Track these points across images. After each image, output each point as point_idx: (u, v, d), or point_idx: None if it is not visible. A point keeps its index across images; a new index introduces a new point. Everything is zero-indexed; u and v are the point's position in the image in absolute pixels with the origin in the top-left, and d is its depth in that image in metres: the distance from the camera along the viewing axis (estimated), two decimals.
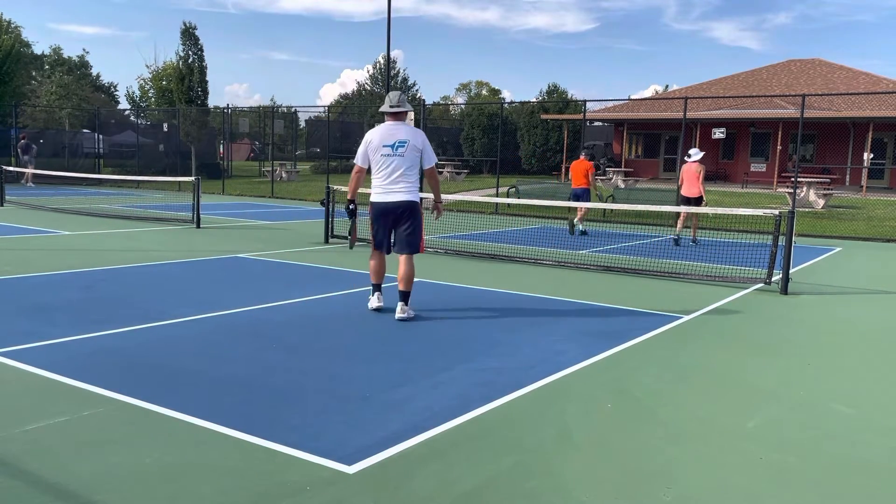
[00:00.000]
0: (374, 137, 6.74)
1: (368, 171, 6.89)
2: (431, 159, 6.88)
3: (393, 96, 6.77)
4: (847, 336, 6.81)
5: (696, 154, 13.81)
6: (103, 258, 9.78)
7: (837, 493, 3.48)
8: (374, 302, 7.00)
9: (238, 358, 5.30)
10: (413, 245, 6.79)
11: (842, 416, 4.56)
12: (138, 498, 3.17)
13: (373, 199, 6.84)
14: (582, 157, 15.17)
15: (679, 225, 13.89)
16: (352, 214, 7.12)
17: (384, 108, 6.82)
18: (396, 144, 6.66)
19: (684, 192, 13.82)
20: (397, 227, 6.80)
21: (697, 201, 13.54)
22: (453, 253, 11.39)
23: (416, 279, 7.09)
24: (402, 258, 6.75)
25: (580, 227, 15.10)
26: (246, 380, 4.80)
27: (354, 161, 6.94)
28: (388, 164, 6.67)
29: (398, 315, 6.64)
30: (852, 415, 4.58)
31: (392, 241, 6.87)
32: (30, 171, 24.36)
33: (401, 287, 6.67)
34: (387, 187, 6.71)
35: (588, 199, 14.85)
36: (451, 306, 7.44)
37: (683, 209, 12.19)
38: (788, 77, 36.66)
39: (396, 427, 4.04)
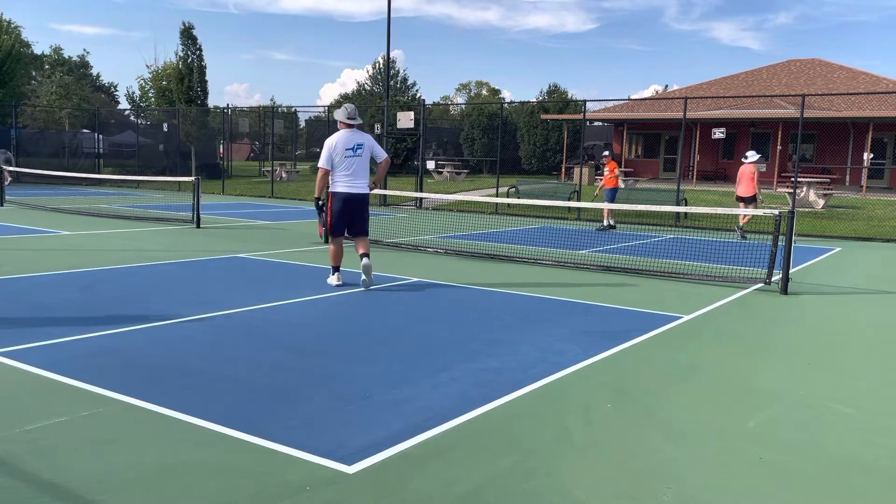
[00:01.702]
0: (338, 142, 8.10)
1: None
2: (383, 154, 8.37)
3: (351, 109, 8.25)
4: (847, 336, 6.81)
5: (752, 156, 14.74)
6: (103, 258, 9.78)
7: (837, 493, 3.48)
8: (333, 280, 8.25)
9: (238, 358, 5.30)
10: (367, 227, 8.36)
11: (842, 415, 4.56)
12: (138, 498, 3.17)
13: (338, 189, 8.16)
14: (610, 157, 16.36)
15: (742, 220, 14.85)
16: (321, 210, 8.49)
17: (342, 117, 8.20)
18: (356, 147, 8.12)
19: (739, 191, 14.69)
20: (357, 213, 8.25)
21: (752, 200, 14.42)
22: (453, 253, 11.39)
23: (415, 279, 8.79)
24: (362, 239, 8.27)
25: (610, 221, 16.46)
26: (246, 380, 4.80)
27: (320, 165, 8.23)
28: (351, 164, 8.11)
29: (364, 262, 8.08)
30: (852, 415, 4.58)
31: (347, 226, 8.30)
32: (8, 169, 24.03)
33: (363, 251, 8.21)
34: (351, 182, 8.15)
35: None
36: (452, 306, 7.44)
37: (741, 211, 12.64)
38: (788, 77, 36.66)
39: (396, 427, 4.04)
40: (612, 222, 16.43)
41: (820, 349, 6.27)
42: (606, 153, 16.92)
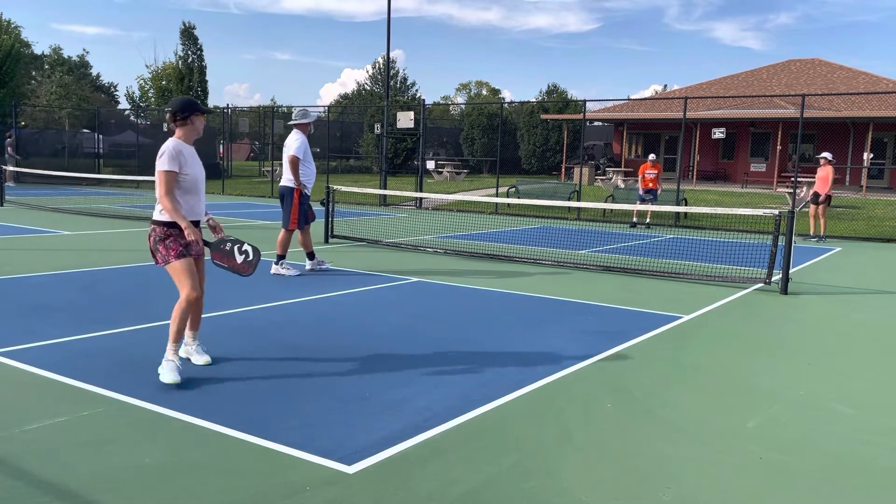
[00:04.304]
0: None
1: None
2: (288, 151, 8.87)
3: (295, 112, 9.21)
4: (847, 336, 6.81)
5: (829, 156, 15.43)
6: (103, 258, 9.78)
7: (837, 493, 3.48)
8: (307, 266, 9.23)
9: (238, 358, 5.30)
10: (284, 221, 9.04)
11: (842, 416, 4.56)
12: (138, 498, 3.17)
13: None
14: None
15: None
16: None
17: (290, 122, 9.23)
18: (283, 146, 9.04)
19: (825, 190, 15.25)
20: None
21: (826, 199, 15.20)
22: (453, 253, 11.39)
23: (415, 279, 8.83)
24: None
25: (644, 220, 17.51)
26: (246, 380, 4.80)
27: None
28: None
29: (272, 270, 8.92)
30: (852, 415, 4.58)
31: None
32: (10, 169, 23.88)
33: (277, 250, 9.00)
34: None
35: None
36: (452, 306, 7.44)
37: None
38: (788, 77, 36.66)
39: (396, 427, 4.04)
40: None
41: (820, 349, 6.27)
42: (653, 156, 17.83)
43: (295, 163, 8.81)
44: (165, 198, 4.67)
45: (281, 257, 8.93)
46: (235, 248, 4.78)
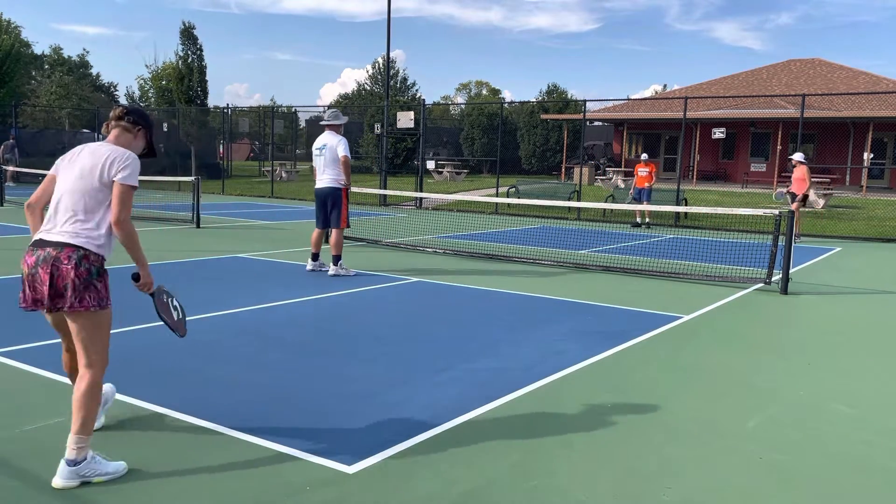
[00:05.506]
0: (314, 143, 9.31)
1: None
2: (340, 153, 8.99)
3: (328, 113, 9.39)
4: (847, 336, 6.81)
5: (800, 156, 15.12)
6: None
7: (837, 493, 3.48)
8: (308, 266, 9.29)
9: (238, 358, 5.30)
10: (335, 221, 9.07)
11: (842, 416, 4.56)
12: (138, 498, 3.17)
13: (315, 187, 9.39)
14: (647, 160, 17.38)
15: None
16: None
17: (323, 122, 9.51)
18: (321, 147, 9.11)
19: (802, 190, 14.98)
20: (320, 206, 9.17)
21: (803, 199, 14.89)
22: (453, 253, 11.39)
23: (415, 279, 8.85)
24: (332, 231, 9.10)
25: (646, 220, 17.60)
26: (246, 380, 4.80)
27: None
28: (317, 162, 9.18)
29: (329, 272, 8.97)
30: (852, 415, 4.58)
31: (324, 217, 9.15)
32: (11, 169, 23.75)
33: (332, 252, 9.02)
34: (318, 178, 9.19)
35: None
36: (452, 306, 7.44)
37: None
38: (788, 77, 36.66)
39: (396, 427, 4.04)
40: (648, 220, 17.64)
41: (820, 349, 6.27)
42: (645, 155, 17.88)
43: (347, 163, 8.97)
44: (129, 223, 3.52)
45: (337, 258, 8.98)
46: (170, 301, 3.87)
